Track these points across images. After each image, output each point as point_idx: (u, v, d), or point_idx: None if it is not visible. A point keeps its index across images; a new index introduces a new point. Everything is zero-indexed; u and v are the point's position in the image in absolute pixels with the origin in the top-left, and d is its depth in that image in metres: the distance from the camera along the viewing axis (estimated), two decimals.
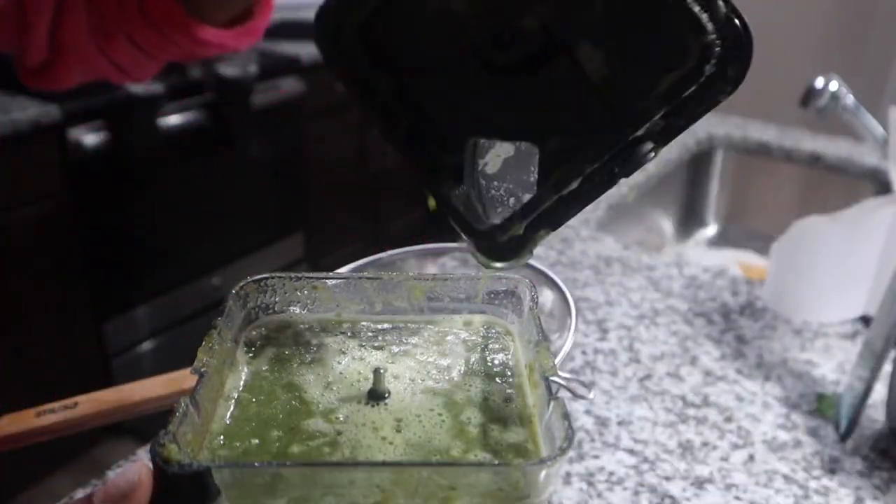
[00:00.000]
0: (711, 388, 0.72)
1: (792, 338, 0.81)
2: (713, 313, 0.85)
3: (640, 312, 0.84)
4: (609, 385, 0.71)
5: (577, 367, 0.74)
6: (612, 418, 0.67)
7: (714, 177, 1.47)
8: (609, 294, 0.88)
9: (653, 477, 0.60)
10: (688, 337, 0.80)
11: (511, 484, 0.30)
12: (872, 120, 0.98)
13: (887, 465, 0.63)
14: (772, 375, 0.74)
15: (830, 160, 1.36)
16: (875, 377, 0.63)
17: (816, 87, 0.96)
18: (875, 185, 1.32)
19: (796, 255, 0.81)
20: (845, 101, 0.96)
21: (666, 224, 1.40)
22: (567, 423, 0.31)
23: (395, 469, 0.31)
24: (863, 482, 0.61)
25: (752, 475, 0.61)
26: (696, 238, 1.45)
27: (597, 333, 0.80)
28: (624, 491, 0.59)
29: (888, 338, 0.61)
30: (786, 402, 0.70)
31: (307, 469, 0.31)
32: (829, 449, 0.64)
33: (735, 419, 0.67)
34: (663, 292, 0.89)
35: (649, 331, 0.81)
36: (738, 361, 0.76)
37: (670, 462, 0.62)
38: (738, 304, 0.87)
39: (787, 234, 0.80)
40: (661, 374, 0.73)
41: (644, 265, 0.95)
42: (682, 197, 1.44)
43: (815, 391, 0.72)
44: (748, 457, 0.63)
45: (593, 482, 0.60)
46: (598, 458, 0.62)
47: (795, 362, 0.76)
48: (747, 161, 1.44)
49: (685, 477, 0.60)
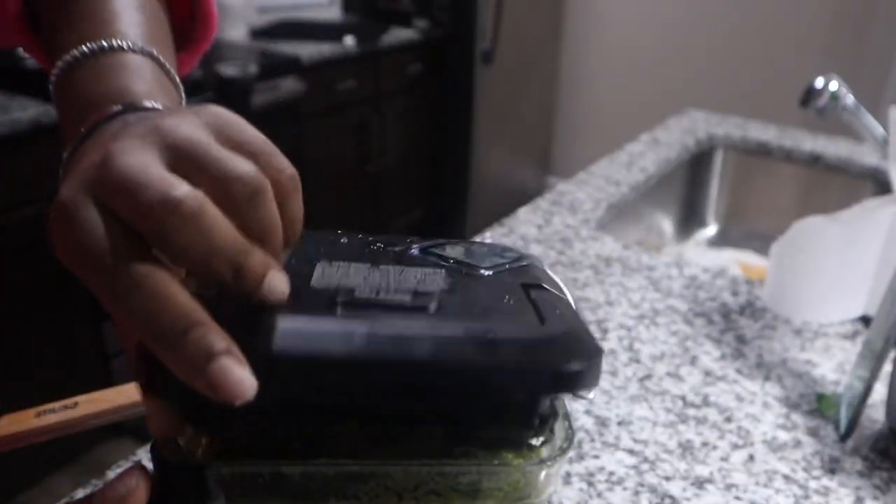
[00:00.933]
0: (711, 388, 0.72)
1: (792, 338, 0.81)
2: (713, 313, 0.85)
3: (640, 312, 0.84)
4: (609, 385, 0.71)
5: None
6: (612, 418, 0.67)
7: (714, 177, 1.47)
8: (609, 294, 0.88)
9: (653, 477, 0.60)
10: (688, 337, 0.80)
11: (511, 484, 0.30)
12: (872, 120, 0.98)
13: (887, 465, 0.63)
14: (772, 375, 0.74)
15: (830, 160, 1.36)
16: (875, 377, 0.63)
17: (816, 87, 0.96)
18: (875, 185, 1.32)
19: (796, 255, 0.81)
20: (845, 101, 0.96)
21: (666, 224, 1.40)
22: (567, 423, 0.31)
23: (397, 468, 0.31)
24: (863, 482, 0.61)
25: (752, 475, 0.61)
26: (696, 238, 1.45)
27: (597, 333, 0.80)
28: (624, 491, 0.59)
29: (888, 338, 0.61)
30: (786, 402, 0.70)
31: (309, 466, 0.30)
32: (829, 449, 0.64)
33: (735, 419, 0.67)
34: (663, 292, 0.89)
35: (649, 331, 0.81)
36: (738, 361, 0.76)
37: (670, 462, 0.62)
38: (738, 304, 0.87)
39: (787, 234, 0.80)
40: (661, 374, 0.73)
41: (644, 265, 0.95)
42: (682, 197, 1.44)
43: (815, 391, 0.72)
44: (748, 457, 0.63)
45: (593, 482, 0.60)
46: (598, 458, 0.62)
47: (795, 362, 0.76)
48: (747, 161, 1.44)
49: (685, 477, 0.60)
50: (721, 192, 1.47)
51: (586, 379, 0.27)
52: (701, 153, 1.44)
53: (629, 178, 1.23)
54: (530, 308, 0.30)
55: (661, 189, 1.32)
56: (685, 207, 1.45)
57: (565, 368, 0.27)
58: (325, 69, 2.16)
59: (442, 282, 0.31)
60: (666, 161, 1.32)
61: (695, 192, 1.46)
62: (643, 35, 2.94)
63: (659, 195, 1.32)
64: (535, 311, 0.29)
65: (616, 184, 1.20)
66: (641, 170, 1.27)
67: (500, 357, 0.26)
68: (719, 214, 1.47)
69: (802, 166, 1.39)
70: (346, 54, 2.22)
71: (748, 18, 2.69)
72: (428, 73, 2.63)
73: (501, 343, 0.27)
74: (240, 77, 1.78)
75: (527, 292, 0.31)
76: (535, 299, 0.31)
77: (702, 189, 1.47)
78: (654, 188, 1.29)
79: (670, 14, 2.85)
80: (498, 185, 2.94)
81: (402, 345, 0.25)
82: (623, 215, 1.18)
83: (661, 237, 1.38)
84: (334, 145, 2.30)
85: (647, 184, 1.26)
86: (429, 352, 0.26)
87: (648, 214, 1.31)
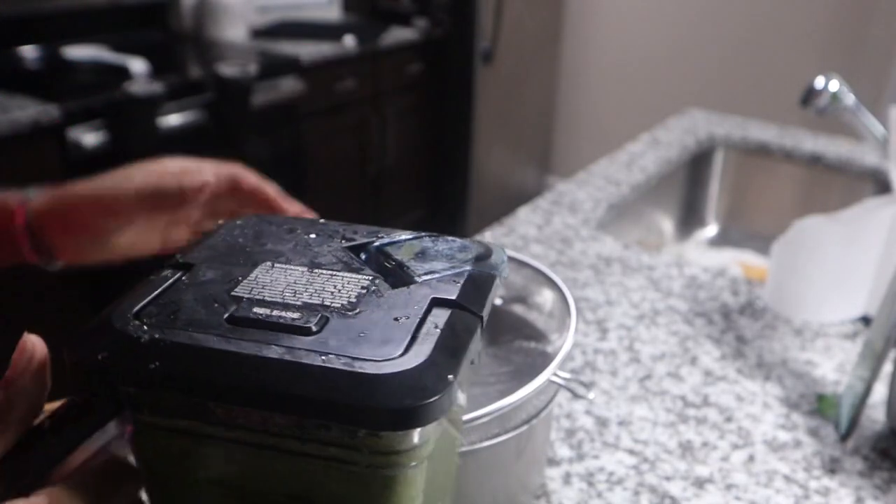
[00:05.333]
0: (711, 388, 0.72)
1: (792, 338, 0.81)
2: (713, 313, 0.85)
3: (640, 312, 0.84)
4: (609, 385, 0.71)
5: (577, 367, 0.74)
6: (612, 418, 0.67)
7: (714, 177, 1.47)
8: (609, 294, 0.88)
9: (653, 477, 0.60)
10: (688, 337, 0.80)
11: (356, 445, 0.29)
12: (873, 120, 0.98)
13: (887, 465, 0.63)
14: (772, 375, 0.74)
15: (830, 160, 1.36)
16: (875, 377, 0.62)
17: (816, 87, 0.96)
18: (875, 185, 1.32)
19: (796, 255, 0.81)
20: (845, 101, 0.96)
21: (666, 224, 1.40)
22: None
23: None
24: (863, 482, 0.61)
25: (752, 475, 0.61)
26: (696, 238, 1.45)
27: (597, 333, 0.80)
28: (624, 491, 0.59)
29: (888, 338, 0.61)
30: (786, 402, 0.70)
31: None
32: (829, 449, 0.64)
33: (735, 419, 0.67)
34: (663, 292, 0.89)
35: (649, 331, 0.81)
36: (738, 361, 0.76)
37: (670, 462, 0.62)
38: (738, 304, 0.87)
39: (787, 234, 0.80)
40: (661, 374, 0.73)
41: (644, 265, 0.95)
42: (682, 197, 1.44)
43: (815, 391, 0.72)
44: (748, 457, 0.63)
45: (593, 482, 0.60)
46: (598, 458, 0.62)
47: (795, 362, 0.76)
48: (747, 161, 1.44)
49: (685, 477, 0.60)
50: (721, 192, 1.47)
51: (411, 418, 0.28)
52: (701, 153, 1.44)
53: (629, 178, 1.23)
54: (409, 333, 0.30)
55: (661, 189, 1.32)
56: (685, 207, 1.45)
57: (378, 407, 0.27)
58: (325, 69, 2.16)
59: (353, 293, 0.33)
60: (666, 161, 1.32)
61: (695, 192, 1.46)
62: (643, 35, 2.94)
63: (659, 195, 1.32)
64: (411, 337, 0.30)
65: (616, 184, 1.20)
66: (641, 170, 1.27)
67: (318, 387, 0.28)
68: (719, 214, 1.47)
69: (802, 166, 1.39)
70: (345, 54, 2.22)
71: (748, 18, 2.69)
72: (428, 73, 2.63)
73: (328, 374, 0.28)
74: (239, 77, 1.78)
75: (429, 310, 0.32)
76: (431, 320, 0.31)
77: (702, 189, 1.46)
78: (654, 188, 1.29)
79: (670, 14, 2.85)
80: (498, 185, 2.94)
81: (246, 365, 0.28)
82: (623, 215, 1.18)
83: (661, 237, 1.38)
84: (334, 145, 2.30)
85: (648, 184, 1.26)
86: (258, 374, 0.28)
87: (648, 214, 1.31)
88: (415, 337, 0.30)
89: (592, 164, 1.28)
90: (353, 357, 0.29)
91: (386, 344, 0.29)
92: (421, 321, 0.31)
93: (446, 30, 2.61)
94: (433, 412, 0.28)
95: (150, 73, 1.73)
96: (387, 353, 0.29)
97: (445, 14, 2.59)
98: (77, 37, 1.92)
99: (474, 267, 0.35)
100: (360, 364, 0.28)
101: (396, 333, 0.30)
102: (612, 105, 3.13)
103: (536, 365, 0.53)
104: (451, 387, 0.28)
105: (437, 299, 0.32)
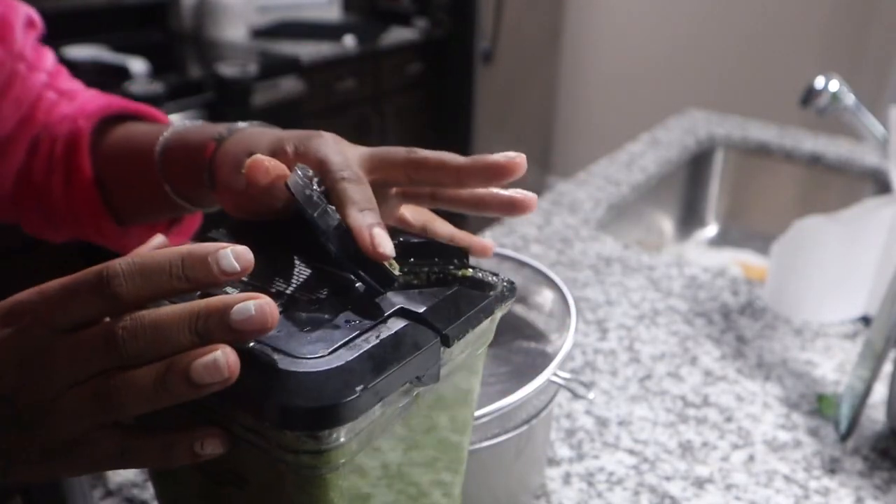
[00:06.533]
0: (711, 388, 0.72)
1: (792, 338, 0.81)
2: (713, 313, 0.85)
3: (640, 312, 0.84)
4: (609, 385, 0.71)
5: (577, 367, 0.74)
6: (612, 418, 0.67)
7: (714, 177, 1.47)
8: (609, 294, 0.88)
9: (653, 477, 0.60)
10: (688, 337, 0.80)
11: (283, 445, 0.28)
12: (873, 120, 0.98)
13: (887, 465, 0.63)
14: (772, 375, 0.74)
15: (830, 160, 1.36)
16: (875, 377, 0.62)
17: (816, 87, 0.96)
18: (875, 185, 1.32)
19: (796, 255, 0.81)
20: (845, 101, 0.96)
21: (666, 224, 1.40)
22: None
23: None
24: (863, 482, 0.61)
25: (752, 475, 0.61)
26: (696, 238, 1.45)
27: (597, 333, 0.80)
28: (624, 491, 0.59)
29: (888, 338, 0.61)
30: (786, 402, 0.70)
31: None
32: (829, 449, 0.64)
33: (735, 419, 0.67)
34: (663, 292, 0.89)
35: (649, 331, 0.81)
36: (738, 361, 0.76)
37: (670, 462, 0.62)
38: (738, 304, 0.87)
39: (787, 234, 0.80)
40: (661, 374, 0.73)
41: (644, 265, 0.95)
42: (682, 197, 1.44)
43: (815, 391, 0.72)
44: (748, 457, 0.63)
45: (593, 482, 0.60)
46: (597, 458, 0.62)
47: (795, 362, 0.76)
48: (747, 161, 1.44)
49: (685, 477, 0.60)
50: (721, 192, 1.47)
51: (301, 420, 0.27)
52: (701, 153, 1.44)
53: (629, 178, 1.23)
54: (347, 337, 0.30)
55: (661, 189, 1.32)
56: (685, 207, 1.45)
57: (274, 401, 0.27)
58: (325, 69, 2.16)
59: (327, 289, 0.33)
60: (666, 161, 1.32)
61: (695, 192, 1.46)
62: (643, 35, 2.94)
63: (659, 195, 1.32)
64: (346, 341, 0.29)
65: (616, 184, 1.20)
66: (641, 170, 1.27)
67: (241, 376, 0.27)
68: (719, 214, 1.47)
69: (802, 166, 1.39)
70: (345, 54, 2.22)
71: (748, 18, 2.69)
72: (428, 73, 2.63)
73: (246, 359, 0.27)
74: (240, 77, 1.78)
75: (386, 319, 0.31)
76: (380, 328, 0.30)
77: (702, 189, 1.46)
78: (654, 188, 1.29)
79: (670, 14, 2.85)
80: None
81: None
82: (623, 215, 1.18)
83: (661, 237, 1.38)
84: None
85: (648, 184, 1.26)
86: None
87: (648, 214, 1.31)
88: (350, 342, 0.29)
89: (592, 164, 1.28)
90: (278, 349, 0.28)
91: (318, 343, 0.29)
92: (370, 328, 0.30)
93: (446, 30, 2.61)
94: (329, 418, 0.27)
95: (150, 72, 1.73)
96: (312, 351, 0.28)
97: (445, 14, 2.59)
98: (77, 37, 1.92)
99: (467, 288, 0.34)
100: (281, 357, 0.28)
101: (336, 335, 0.29)
102: (611, 105, 3.13)
103: (536, 365, 0.53)
104: (356, 397, 0.27)
105: (403, 310, 0.31)
